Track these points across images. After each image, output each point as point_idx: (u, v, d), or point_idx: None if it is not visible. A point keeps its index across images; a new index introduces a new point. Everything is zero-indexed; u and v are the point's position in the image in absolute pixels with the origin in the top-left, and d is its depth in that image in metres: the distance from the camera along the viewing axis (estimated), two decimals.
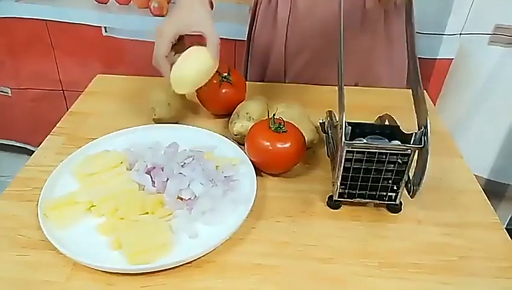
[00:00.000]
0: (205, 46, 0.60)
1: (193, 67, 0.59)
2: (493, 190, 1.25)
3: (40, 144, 0.65)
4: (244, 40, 1.10)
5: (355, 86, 0.81)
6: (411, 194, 0.51)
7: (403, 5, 0.68)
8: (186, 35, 0.62)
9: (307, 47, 0.80)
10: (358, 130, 0.52)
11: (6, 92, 1.25)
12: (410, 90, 0.51)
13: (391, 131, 0.55)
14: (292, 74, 0.84)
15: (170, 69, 0.60)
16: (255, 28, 0.85)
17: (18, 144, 1.34)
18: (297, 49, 0.81)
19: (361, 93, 0.78)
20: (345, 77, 0.48)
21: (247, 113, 0.63)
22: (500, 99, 1.14)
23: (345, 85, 0.48)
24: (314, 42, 0.79)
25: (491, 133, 1.20)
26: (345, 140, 0.48)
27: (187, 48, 0.60)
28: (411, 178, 0.51)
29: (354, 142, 0.49)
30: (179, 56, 0.60)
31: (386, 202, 0.53)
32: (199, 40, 0.61)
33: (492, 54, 1.09)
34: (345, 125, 0.48)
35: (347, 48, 0.50)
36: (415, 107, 0.50)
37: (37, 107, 1.25)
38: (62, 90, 1.24)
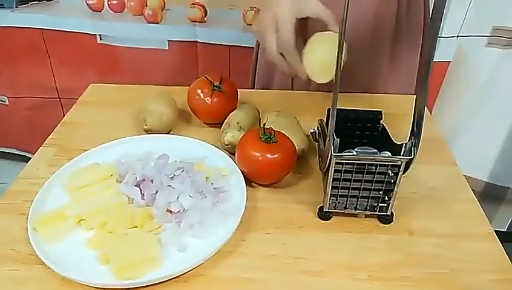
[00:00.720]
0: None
1: (330, 52, 0.52)
2: (493, 193, 1.24)
3: None
4: (238, 46, 1.11)
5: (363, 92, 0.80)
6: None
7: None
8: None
9: None
10: (348, 139, 0.52)
11: (4, 101, 1.26)
12: (405, 95, 0.50)
13: (381, 140, 0.55)
14: (301, 81, 0.83)
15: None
16: None
17: (16, 152, 1.35)
18: None
19: (354, 100, 0.77)
20: (354, 84, 0.46)
21: (237, 123, 0.63)
22: (499, 102, 1.14)
23: (353, 92, 0.47)
24: None
25: (490, 135, 1.19)
26: (334, 152, 0.48)
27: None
28: None
29: (343, 154, 0.48)
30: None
31: (377, 213, 0.53)
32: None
33: (490, 56, 1.08)
34: (334, 137, 0.48)
35: (360, 57, 0.48)
36: (413, 116, 0.50)
37: (34, 115, 1.26)
38: (59, 98, 1.24)
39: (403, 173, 0.49)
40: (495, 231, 0.52)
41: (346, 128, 0.54)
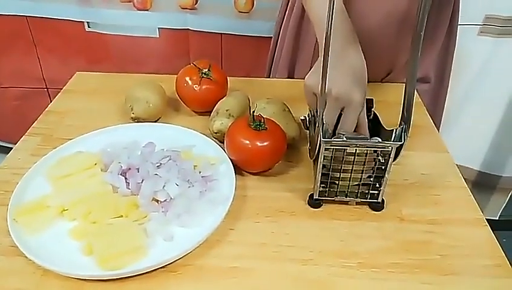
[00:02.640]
0: None
1: None
2: (485, 182, 1.25)
3: None
4: (230, 34, 1.09)
5: (381, 81, 0.78)
6: None
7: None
8: None
9: None
10: (338, 119, 0.51)
11: None
12: (398, 84, 0.49)
13: (373, 127, 0.54)
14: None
15: None
16: (284, 23, 0.81)
17: (2, 144, 1.32)
18: None
19: None
20: (374, 71, 0.44)
21: (227, 110, 0.61)
22: (491, 91, 1.13)
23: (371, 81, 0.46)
24: None
25: (482, 124, 1.19)
26: (323, 138, 0.47)
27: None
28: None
29: (332, 140, 0.47)
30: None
31: (368, 200, 0.52)
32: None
33: (482, 45, 1.07)
34: (323, 123, 0.47)
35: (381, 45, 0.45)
36: (403, 102, 0.49)
37: (21, 105, 1.23)
38: (46, 88, 1.21)
39: (394, 160, 0.48)
40: (487, 219, 0.52)
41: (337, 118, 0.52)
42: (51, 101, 0.72)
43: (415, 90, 0.47)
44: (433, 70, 0.81)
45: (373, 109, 0.56)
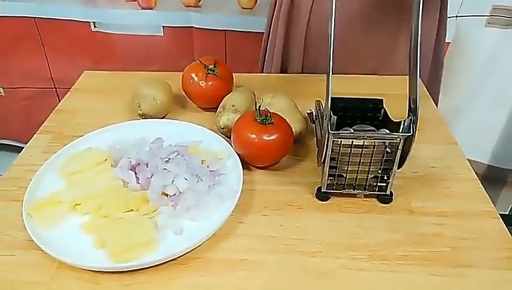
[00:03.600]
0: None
1: None
2: (495, 176, 1.23)
3: None
4: (234, 31, 1.09)
5: (372, 74, 0.78)
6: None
7: None
8: None
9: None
10: (346, 119, 0.51)
11: None
12: (406, 76, 0.49)
13: (381, 122, 0.53)
14: (311, 63, 0.81)
15: None
16: (273, 19, 0.81)
17: (12, 143, 1.34)
18: (317, 40, 0.78)
19: (353, 81, 0.76)
20: (363, 64, 0.45)
21: (233, 106, 0.61)
22: (500, 83, 1.12)
23: (361, 73, 0.46)
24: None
25: (491, 118, 1.17)
26: (331, 130, 0.47)
27: None
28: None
29: (340, 132, 0.47)
30: None
31: (376, 193, 0.52)
32: None
33: (490, 37, 1.06)
34: (331, 115, 0.47)
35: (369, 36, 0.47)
36: (409, 94, 0.48)
37: (30, 105, 1.25)
38: (55, 88, 1.23)
39: (408, 154, 0.48)
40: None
41: (346, 118, 0.52)
42: (59, 101, 0.73)
43: (418, 80, 0.46)
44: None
45: (382, 110, 0.56)
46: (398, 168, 0.48)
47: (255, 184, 0.55)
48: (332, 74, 0.45)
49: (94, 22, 1.10)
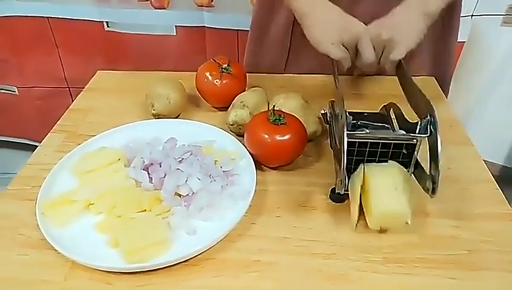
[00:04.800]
0: None
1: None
2: (509, 177, 1.21)
3: None
4: (246, 30, 1.08)
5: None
6: (430, 193, 0.46)
7: None
8: None
9: None
10: (361, 121, 0.50)
11: (13, 91, 1.26)
12: (425, 77, 0.48)
13: (396, 121, 0.53)
14: (294, 60, 0.80)
15: None
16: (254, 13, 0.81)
17: (27, 142, 1.36)
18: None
19: (366, 82, 0.75)
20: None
21: (241, 102, 0.61)
22: None
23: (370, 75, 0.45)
24: None
25: (506, 117, 1.15)
26: (346, 130, 0.46)
27: None
28: (428, 174, 0.46)
29: (356, 132, 0.47)
30: None
31: None
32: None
33: (505, 36, 1.04)
34: (346, 115, 0.46)
35: None
36: (422, 95, 0.48)
37: (43, 105, 1.26)
38: (68, 87, 1.24)
39: (437, 160, 0.45)
40: None
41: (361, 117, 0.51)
42: (72, 101, 0.74)
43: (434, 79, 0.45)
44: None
45: (390, 102, 0.55)
46: (435, 181, 0.44)
47: (268, 185, 0.55)
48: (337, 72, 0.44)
49: (107, 22, 1.11)
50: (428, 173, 0.46)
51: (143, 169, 0.53)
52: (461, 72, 1.13)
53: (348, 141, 0.47)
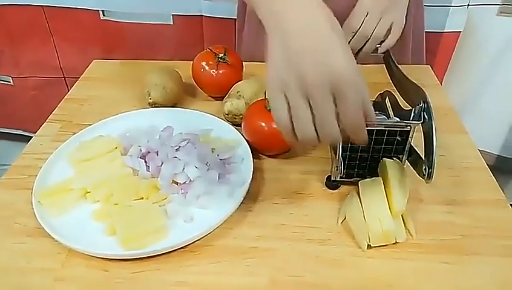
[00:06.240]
0: None
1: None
2: (504, 166, 1.22)
3: None
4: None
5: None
6: (426, 178, 0.46)
7: None
8: None
9: None
10: None
11: (8, 81, 1.25)
12: (419, 66, 0.48)
13: (391, 109, 0.53)
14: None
15: None
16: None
17: (21, 133, 1.35)
18: None
19: (362, 71, 0.75)
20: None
21: (237, 92, 0.61)
22: (511, 72, 1.10)
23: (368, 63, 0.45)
24: None
25: (501, 107, 1.16)
26: None
27: None
28: (423, 159, 0.47)
29: None
30: None
31: None
32: None
33: (501, 26, 1.04)
34: None
35: None
36: (413, 83, 0.48)
37: (39, 95, 1.25)
38: (63, 77, 1.23)
39: (433, 142, 0.45)
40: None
41: None
42: (68, 90, 0.74)
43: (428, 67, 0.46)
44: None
45: (386, 90, 0.55)
46: (431, 166, 0.45)
47: (265, 172, 0.55)
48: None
49: (103, 10, 1.10)
50: (423, 159, 0.46)
51: (140, 157, 0.53)
52: (457, 62, 1.13)
53: None
